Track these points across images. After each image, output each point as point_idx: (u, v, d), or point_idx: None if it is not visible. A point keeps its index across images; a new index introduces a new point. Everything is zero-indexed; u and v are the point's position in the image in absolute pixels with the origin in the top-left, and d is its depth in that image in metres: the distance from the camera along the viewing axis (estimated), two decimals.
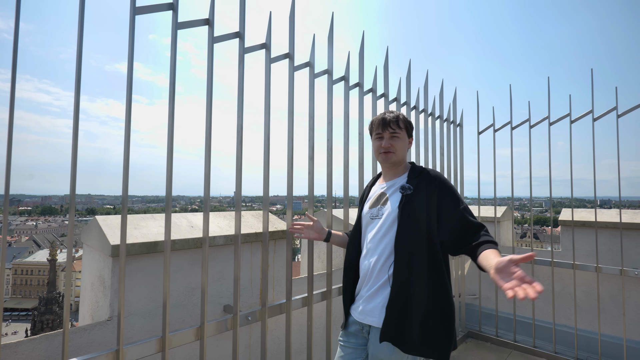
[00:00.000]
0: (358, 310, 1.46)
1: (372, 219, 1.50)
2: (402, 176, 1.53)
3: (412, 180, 1.47)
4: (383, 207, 1.47)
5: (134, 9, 1.37)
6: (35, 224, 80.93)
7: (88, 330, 1.43)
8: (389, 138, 1.52)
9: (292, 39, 1.93)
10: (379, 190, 1.55)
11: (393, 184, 1.51)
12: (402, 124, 1.53)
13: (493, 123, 3.52)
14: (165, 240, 1.43)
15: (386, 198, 1.49)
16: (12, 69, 1.17)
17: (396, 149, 1.51)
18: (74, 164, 1.22)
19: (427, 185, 1.42)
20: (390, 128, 1.51)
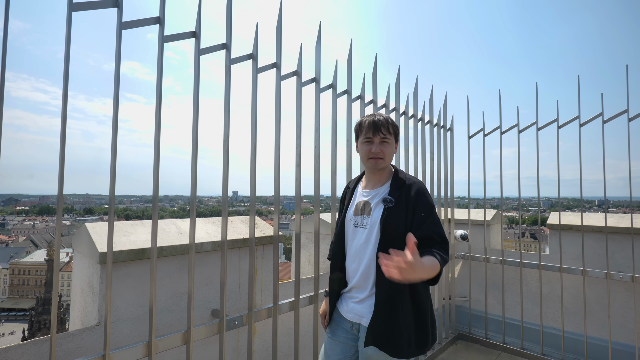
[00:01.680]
0: (347, 308, 1.51)
1: (357, 227, 1.52)
2: (385, 185, 1.53)
3: (394, 191, 1.47)
4: (367, 218, 1.49)
5: (120, 24, 1.41)
6: (33, 224, 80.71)
7: (77, 335, 1.47)
8: (379, 143, 1.50)
9: (279, 49, 1.97)
10: (362, 198, 1.56)
11: (377, 194, 1.52)
12: (392, 128, 1.53)
13: (483, 128, 3.56)
14: (152, 247, 1.47)
15: (370, 209, 1.50)
16: (0, 66, 1.20)
17: (385, 155, 1.50)
18: (61, 172, 1.26)
19: (406, 198, 1.44)
20: (381, 133, 1.49)
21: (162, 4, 1.55)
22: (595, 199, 17.42)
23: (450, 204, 3.62)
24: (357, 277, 1.49)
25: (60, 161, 1.26)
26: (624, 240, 3.02)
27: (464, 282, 3.83)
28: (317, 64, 2.21)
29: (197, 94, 1.63)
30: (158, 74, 1.51)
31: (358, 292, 1.49)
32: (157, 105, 1.50)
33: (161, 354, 1.63)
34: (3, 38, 1.17)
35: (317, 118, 2.18)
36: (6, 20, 1.18)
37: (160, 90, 1.51)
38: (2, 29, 1.18)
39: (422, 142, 3.18)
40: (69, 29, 1.30)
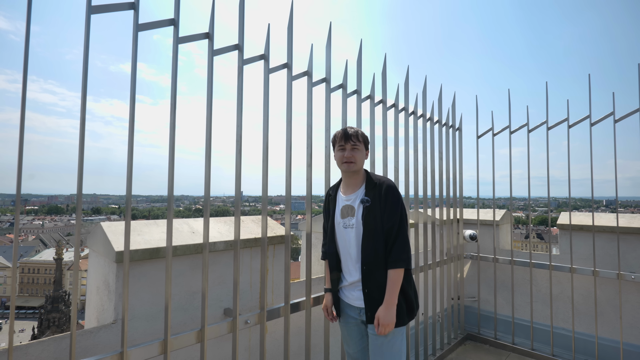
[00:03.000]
0: (353, 296, 1.76)
1: (345, 228, 1.78)
2: (361, 188, 1.79)
3: (369, 192, 1.75)
4: (352, 219, 1.76)
5: (136, 26, 1.44)
6: (42, 223, 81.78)
7: (94, 333, 1.49)
8: (350, 149, 1.76)
9: (290, 50, 1.99)
10: (345, 203, 1.81)
11: (355, 196, 1.78)
12: (361, 138, 1.81)
13: (492, 127, 3.55)
14: (167, 246, 1.49)
15: (353, 210, 1.77)
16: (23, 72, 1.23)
17: (356, 160, 1.77)
18: (80, 172, 1.28)
19: (379, 196, 1.72)
20: (351, 141, 1.77)
21: (176, 6, 1.57)
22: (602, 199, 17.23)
23: (458, 204, 3.61)
24: (351, 266, 1.76)
25: (80, 163, 1.28)
26: (636, 241, 2.99)
27: (472, 283, 3.82)
28: (328, 65, 2.22)
29: (211, 95, 1.65)
30: (173, 75, 1.53)
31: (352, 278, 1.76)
32: (172, 107, 1.52)
33: (174, 352, 1.65)
34: (25, 51, 1.20)
35: (328, 118, 2.19)
36: (27, 36, 1.20)
37: (175, 91, 1.53)
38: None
39: (431, 141, 3.17)
40: (88, 31, 1.33)
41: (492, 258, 3.55)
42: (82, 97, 1.29)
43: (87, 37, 1.33)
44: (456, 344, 3.37)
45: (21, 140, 1.18)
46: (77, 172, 1.29)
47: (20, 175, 1.18)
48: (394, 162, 2.69)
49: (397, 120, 2.79)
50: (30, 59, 1.25)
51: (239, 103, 1.76)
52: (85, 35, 1.33)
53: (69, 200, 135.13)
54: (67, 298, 34.05)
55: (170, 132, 1.51)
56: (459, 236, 3.62)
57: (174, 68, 1.53)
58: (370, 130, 2.50)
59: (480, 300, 3.67)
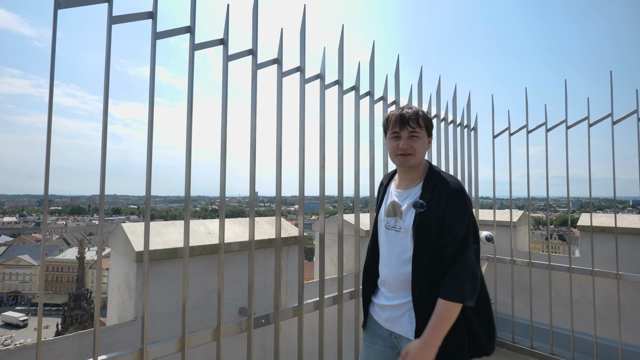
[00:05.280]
0: (384, 317, 1.46)
1: (388, 229, 1.46)
2: (417, 187, 1.42)
3: (426, 193, 1.37)
4: (399, 220, 1.42)
5: (154, 34, 1.49)
6: (65, 223, 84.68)
7: (115, 330, 1.55)
8: (408, 138, 1.39)
9: (303, 53, 2.01)
10: (394, 198, 1.48)
11: (408, 195, 1.43)
12: (422, 121, 1.40)
13: (509, 127, 3.48)
14: (184, 247, 1.54)
15: (401, 211, 1.42)
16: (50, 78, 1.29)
17: (415, 151, 1.38)
18: (102, 176, 1.34)
19: (439, 201, 1.33)
20: (409, 126, 1.37)
21: (192, 15, 1.61)
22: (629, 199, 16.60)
23: (474, 205, 3.56)
24: (391, 281, 1.43)
25: (102, 168, 1.34)
26: None
27: (489, 285, 3.74)
28: (340, 67, 2.23)
29: (226, 99, 1.69)
30: (189, 81, 1.57)
31: (393, 297, 1.42)
32: (189, 111, 1.57)
33: (192, 349, 1.69)
34: (51, 63, 1.26)
35: (340, 120, 2.20)
36: (54, 44, 1.27)
37: (191, 96, 1.57)
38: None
39: (445, 142, 3.14)
40: (109, 40, 1.38)
41: (510, 260, 3.48)
42: (104, 103, 1.35)
43: (109, 46, 1.38)
44: None
45: (48, 145, 1.24)
46: (100, 176, 1.34)
47: (48, 177, 1.24)
48: None
49: None
50: (54, 64, 1.31)
51: (253, 106, 1.80)
52: (107, 44, 1.39)
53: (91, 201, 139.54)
54: (89, 296, 35.17)
55: (187, 137, 1.56)
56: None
57: (191, 74, 1.57)
58: (384, 131, 2.50)
59: (497, 303, 3.60)
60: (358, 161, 2.24)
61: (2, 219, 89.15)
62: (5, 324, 44.00)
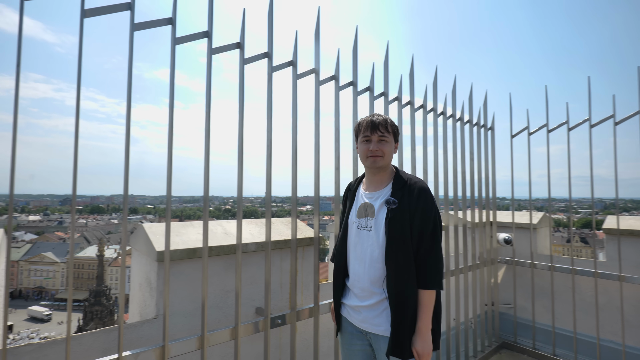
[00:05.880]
0: (360, 318, 1.49)
1: (360, 230, 1.52)
2: (387, 187, 1.52)
3: (397, 192, 1.47)
4: (371, 220, 1.49)
5: (174, 39, 1.53)
6: (86, 222, 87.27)
7: (137, 327, 1.60)
8: (377, 141, 1.51)
9: (317, 55, 2.03)
10: (364, 200, 1.56)
11: (379, 195, 1.51)
12: (391, 128, 1.54)
13: (527, 126, 3.41)
14: (203, 247, 1.57)
15: (373, 210, 1.50)
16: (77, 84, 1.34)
17: (384, 153, 1.51)
18: (126, 180, 1.38)
19: (409, 198, 1.44)
20: (379, 131, 1.50)
21: (209, 20, 1.65)
22: None
23: (491, 206, 3.50)
24: (365, 280, 1.47)
25: (125, 167, 1.38)
26: None
27: (507, 289, 3.68)
28: (355, 68, 2.23)
29: (242, 102, 1.72)
30: (207, 84, 1.61)
31: (367, 297, 1.47)
32: (207, 114, 1.60)
33: (211, 348, 1.73)
34: (77, 77, 1.31)
35: (355, 121, 2.20)
36: (80, 52, 1.32)
37: (209, 99, 1.60)
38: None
39: (462, 142, 3.10)
40: (131, 47, 1.43)
41: (529, 263, 3.40)
42: (127, 109, 1.39)
43: (131, 52, 1.43)
44: (491, 352, 3.26)
45: (76, 148, 1.29)
46: (123, 179, 1.39)
47: (76, 178, 1.29)
48: (423, 164, 2.66)
49: (425, 122, 2.75)
50: (73, 68, 1.36)
51: (269, 108, 1.82)
52: (129, 50, 1.43)
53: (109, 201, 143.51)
54: (109, 292, 36.16)
55: (206, 137, 1.59)
56: (493, 240, 3.51)
57: (208, 77, 1.61)
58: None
59: (516, 307, 3.53)
60: None
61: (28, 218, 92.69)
62: (31, 318, 45.71)
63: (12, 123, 1.20)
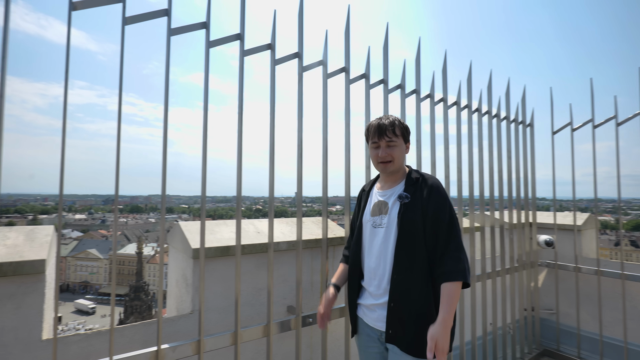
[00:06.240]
0: (374, 317, 1.47)
1: (375, 227, 1.52)
2: (400, 184, 1.53)
3: (409, 188, 1.48)
4: (385, 217, 1.49)
5: (208, 43, 1.57)
6: (126, 221, 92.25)
7: (175, 321, 1.66)
8: (386, 147, 1.50)
9: (347, 53, 2.01)
10: (378, 199, 1.56)
11: (392, 193, 1.52)
12: (399, 130, 1.51)
13: (570, 122, 3.20)
14: (236, 245, 1.60)
15: (387, 207, 1.50)
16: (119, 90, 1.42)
17: (394, 158, 1.50)
18: (164, 181, 1.44)
19: (422, 194, 1.44)
20: (386, 137, 1.49)
21: (242, 23, 1.68)
22: None
23: (531, 207, 3.32)
24: (380, 278, 1.46)
25: (163, 169, 1.44)
26: None
27: (548, 293, 3.48)
28: (385, 66, 2.20)
29: (274, 101, 1.74)
30: (239, 86, 1.64)
31: (382, 295, 1.45)
32: (239, 115, 1.64)
33: (244, 344, 1.76)
34: (119, 85, 1.38)
35: None
36: (122, 61, 1.39)
37: (241, 100, 1.64)
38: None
39: (498, 139, 2.97)
40: (169, 51, 1.49)
41: (573, 267, 3.20)
42: (164, 112, 1.45)
43: (168, 56, 1.49)
44: (531, 359, 3.09)
45: (118, 151, 1.36)
46: (161, 180, 1.44)
47: (118, 179, 1.36)
48: (457, 162, 2.57)
49: (459, 119, 2.66)
50: (114, 75, 1.43)
51: (300, 109, 1.83)
52: (166, 54, 1.49)
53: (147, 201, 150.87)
54: (147, 288, 38.02)
55: (238, 142, 1.63)
56: (532, 241, 3.33)
57: (241, 78, 1.64)
58: (431, 129, 2.43)
59: (559, 313, 3.32)
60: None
61: (74, 217, 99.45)
62: (78, 310, 48.99)
63: (62, 128, 1.29)
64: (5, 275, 1.31)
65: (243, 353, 1.78)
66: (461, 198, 2.56)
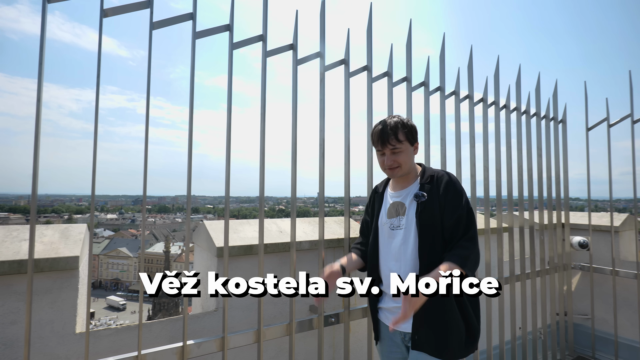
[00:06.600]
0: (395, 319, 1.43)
1: (393, 230, 1.48)
2: (415, 183, 1.49)
3: (425, 186, 1.45)
4: (402, 218, 1.46)
5: (231, 44, 1.60)
6: (154, 221, 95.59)
7: (200, 318, 1.70)
8: (391, 154, 1.46)
9: (369, 52, 1.99)
10: (394, 200, 1.52)
11: (408, 193, 1.49)
12: (402, 135, 1.44)
13: (607, 117, 3.03)
14: (259, 244, 1.62)
15: (404, 208, 1.47)
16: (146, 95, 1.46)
17: (400, 164, 1.46)
18: (189, 179, 1.48)
19: (438, 191, 1.42)
20: (389, 144, 1.44)
21: (264, 25, 1.70)
22: None
23: (563, 207, 3.17)
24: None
25: (189, 170, 1.47)
26: None
27: (583, 298, 3.31)
28: (408, 63, 2.16)
29: (296, 102, 1.75)
30: (262, 85, 1.66)
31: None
32: (262, 115, 1.65)
33: (266, 342, 1.78)
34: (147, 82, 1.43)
35: (409, 118, 2.13)
36: (149, 68, 1.43)
37: (264, 101, 1.66)
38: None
39: (527, 136, 2.85)
40: (194, 54, 1.52)
41: (610, 270, 3.02)
42: (189, 115, 1.49)
43: (193, 58, 1.52)
44: None
45: (146, 153, 1.41)
46: (187, 182, 1.48)
47: (146, 180, 1.40)
48: (484, 161, 2.49)
49: (485, 116, 2.57)
50: (143, 79, 1.46)
51: (321, 108, 1.83)
52: (192, 56, 1.53)
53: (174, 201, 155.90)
54: None
55: (261, 139, 1.65)
56: (565, 243, 3.17)
57: (263, 78, 1.66)
58: (456, 127, 2.36)
59: (594, 319, 3.15)
60: (428, 159, 2.14)
61: (106, 216, 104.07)
62: (109, 307, 51.22)
63: (94, 131, 1.34)
64: (42, 271, 1.39)
65: (265, 351, 1.80)
66: (488, 198, 2.47)
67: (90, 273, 1.58)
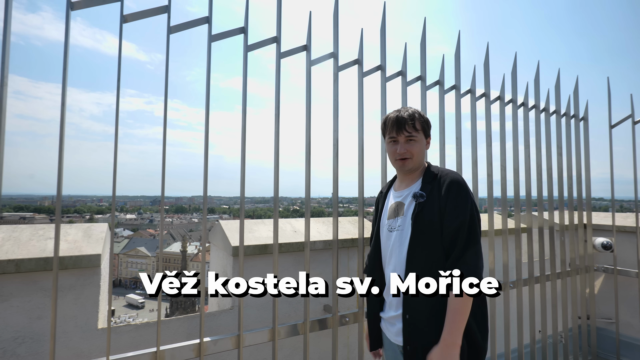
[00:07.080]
0: (394, 331, 1.33)
1: (391, 231, 1.38)
2: (417, 183, 1.39)
3: (426, 185, 1.34)
4: (399, 219, 1.36)
5: (246, 47, 1.62)
6: (171, 221, 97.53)
7: (216, 316, 1.73)
8: (405, 142, 1.36)
9: (383, 51, 1.99)
10: (395, 200, 1.43)
11: (409, 192, 1.38)
12: (419, 124, 1.37)
13: (632, 113, 2.92)
14: (274, 244, 1.64)
15: (403, 209, 1.37)
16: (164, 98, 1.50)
17: (413, 155, 1.36)
18: (205, 179, 1.51)
19: (439, 191, 1.29)
20: (405, 131, 1.35)
21: (278, 26, 1.72)
22: None
23: (585, 207, 3.07)
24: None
25: (205, 171, 1.50)
26: None
27: (606, 301, 3.19)
28: (423, 62, 2.15)
29: (309, 102, 1.76)
30: (277, 87, 1.68)
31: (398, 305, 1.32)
32: (276, 116, 1.67)
33: (281, 340, 1.80)
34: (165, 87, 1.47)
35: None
36: (166, 74, 1.47)
37: (278, 101, 1.67)
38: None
39: (546, 135, 2.78)
40: (209, 56, 1.56)
41: (636, 273, 2.91)
42: (205, 117, 1.52)
43: (209, 61, 1.55)
44: None
45: (164, 155, 1.44)
46: (203, 183, 1.51)
47: (164, 181, 1.44)
48: (501, 160, 2.44)
49: (502, 114, 2.52)
50: (161, 82, 1.50)
51: (335, 108, 1.83)
52: (207, 59, 1.56)
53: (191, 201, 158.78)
54: None
55: (275, 139, 1.66)
56: (587, 244, 3.07)
57: (277, 80, 1.68)
58: (472, 126, 2.32)
59: (619, 323, 3.04)
60: (444, 158, 2.12)
61: (126, 216, 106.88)
62: (128, 304, 52.57)
63: (114, 133, 1.39)
64: (66, 268, 1.44)
65: (280, 349, 1.81)
66: (505, 197, 2.42)
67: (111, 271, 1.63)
